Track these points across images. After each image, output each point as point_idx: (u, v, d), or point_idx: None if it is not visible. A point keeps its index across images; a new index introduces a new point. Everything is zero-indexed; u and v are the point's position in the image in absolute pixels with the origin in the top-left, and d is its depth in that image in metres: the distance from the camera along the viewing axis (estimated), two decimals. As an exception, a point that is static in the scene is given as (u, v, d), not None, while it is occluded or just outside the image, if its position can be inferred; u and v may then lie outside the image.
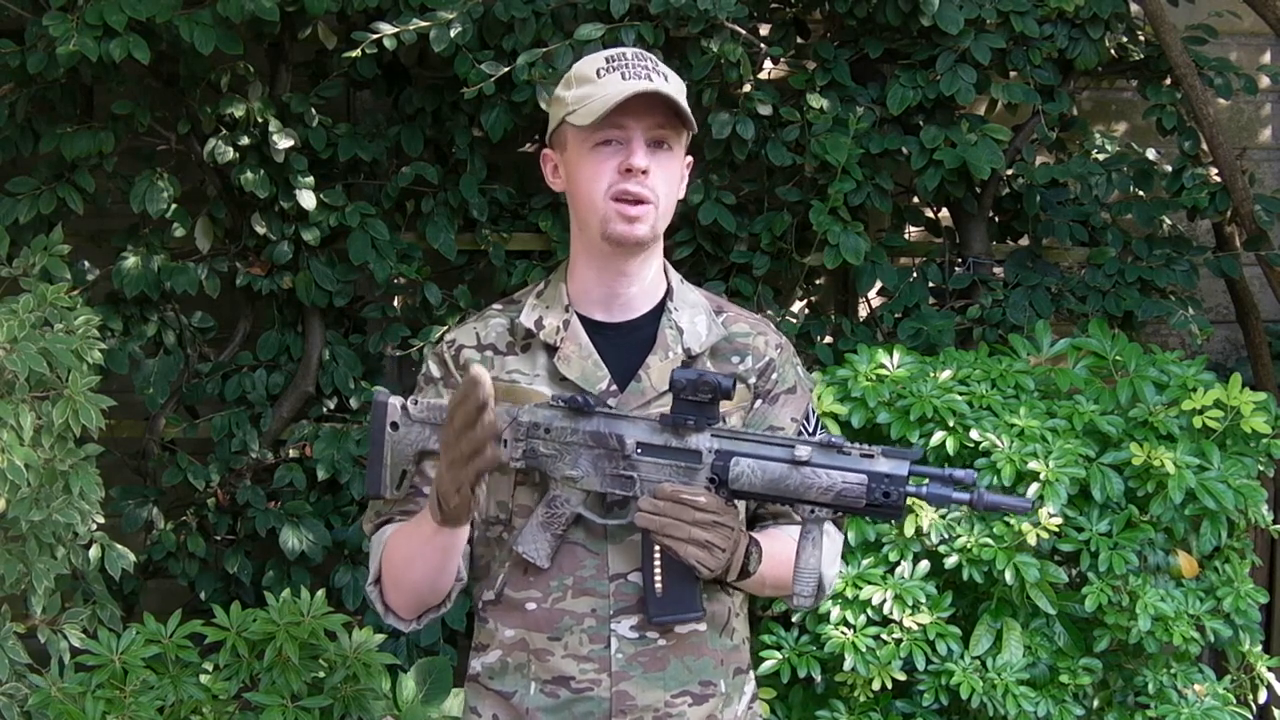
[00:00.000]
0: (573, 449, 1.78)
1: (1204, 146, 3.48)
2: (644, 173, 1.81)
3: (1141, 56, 3.57)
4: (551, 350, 1.89)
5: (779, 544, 1.88)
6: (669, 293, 1.94)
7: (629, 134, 1.81)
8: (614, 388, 1.87)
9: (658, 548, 1.79)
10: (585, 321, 1.90)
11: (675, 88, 1.84)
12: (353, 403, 3.44)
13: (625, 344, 1.90)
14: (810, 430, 1.96)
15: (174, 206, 3.32)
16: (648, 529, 1.76)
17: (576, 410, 1.78)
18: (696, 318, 1.92)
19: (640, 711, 1.85)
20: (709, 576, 1.78)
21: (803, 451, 1.73)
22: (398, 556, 1.87)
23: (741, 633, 1.96)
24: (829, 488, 1.73)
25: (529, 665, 1.87)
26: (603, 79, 1.82)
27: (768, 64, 3.46)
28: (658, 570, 1.79)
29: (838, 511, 1.76)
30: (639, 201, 1.81)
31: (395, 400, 1.81)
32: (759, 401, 1.92)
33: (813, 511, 1.75)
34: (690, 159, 1.94)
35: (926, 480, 1.75)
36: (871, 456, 1.74)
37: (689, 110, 1.84)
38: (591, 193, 1.83)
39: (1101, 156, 3.61)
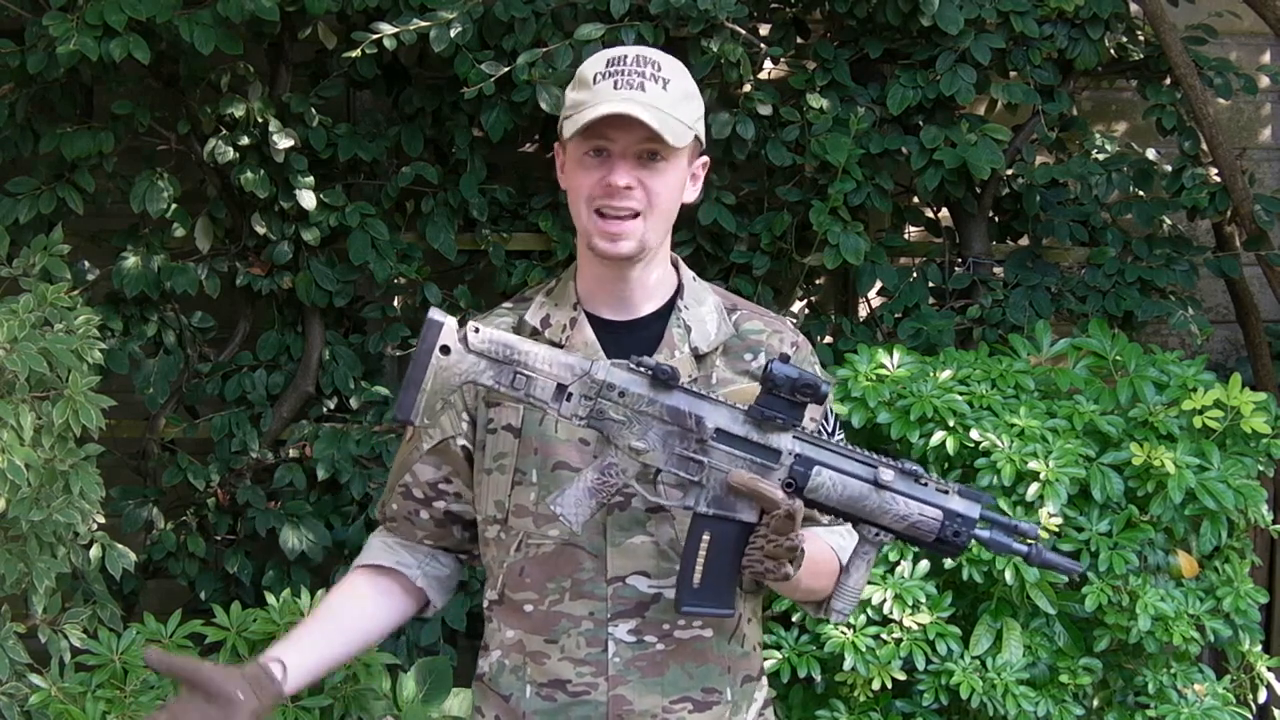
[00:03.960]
0: (644, 419, 1.70)
1: (1204, 146, 3.48)
2: (627, 188, 1.76)
3: (1141, 56, 3.57)
4: (556, 348, 1.87)
5: (816, 548, 1.83)
6: (679, 290, 1.91)
7: (614, 147, 1.77)
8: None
9: (707, 536, 1.71)
10: (593, 319, 1.87)
11: (672, 97, 1.78)
12: (353, 403, 3.44)
13: (632, 342, 1.86)
14: (829, 430, 1.94)
15: (174, 206, 3.32)
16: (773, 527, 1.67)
17: (659, 381, 1.70)
18: (706, 316, 1.89)
19: (638, 717, 1.83)
20: (750, 588, 1.75)
21: (886, 475, 1.69)
22: None
23: (753, 639, 1.92)
24: (904, 516, 1.69)
25: (525, 668, 1.86)
26: (597, 86, 1.77)
27: (768, 64, 3.46)
28: (700, 560, 1.72)
29: (900, 539, 1.72)
30: (621, 217, 1.77)
31: (452, 322, 1.68)
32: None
33: (877, 534, 1.71)
34: (706, 159, 1.90)
35: (991, 526, 1.72)
36: (946, 492, 1.71)
37: (680, 123, 1.78)
38: (577, 202, 1.81)
39: (1101, 156, 3.61)
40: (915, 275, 3.52)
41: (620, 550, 1.82)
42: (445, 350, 1.67)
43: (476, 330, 1.68)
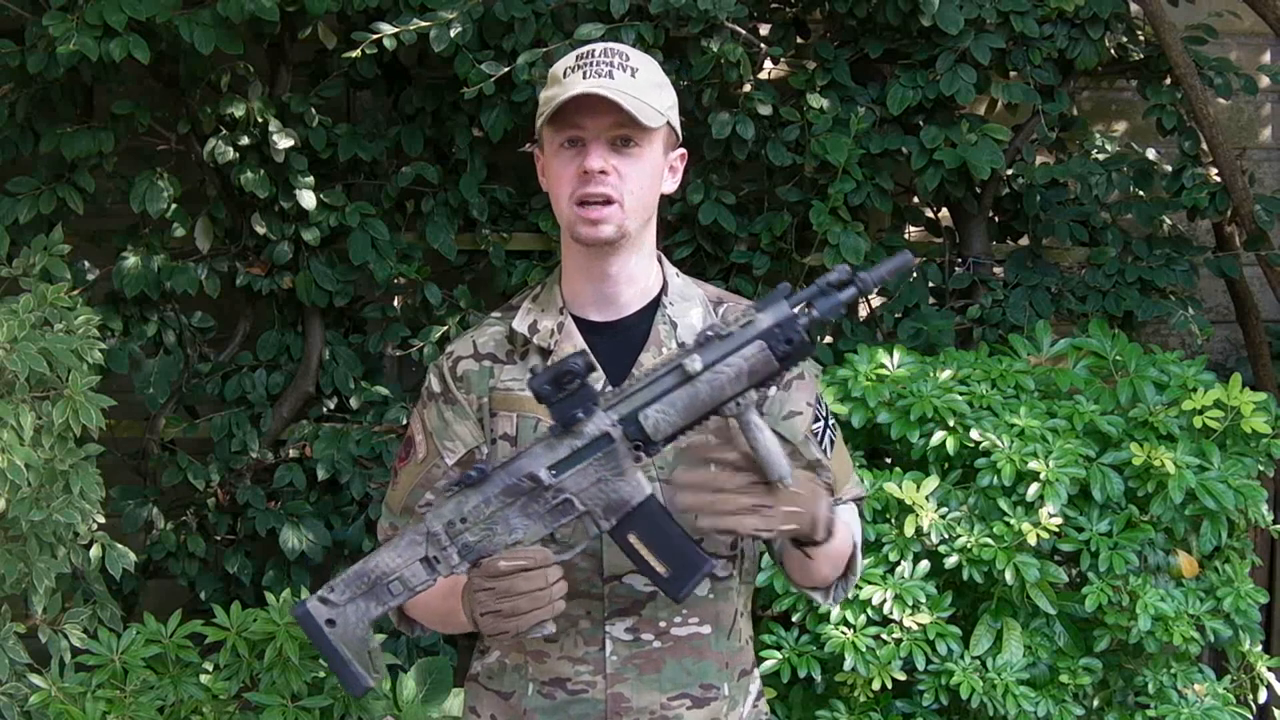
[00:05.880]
0: (497, 516, 1.72)
1: (1204, 146, 3.48)
2: (602, 173, 1.78)
3: (1141, 56, 3.57)
4: (546, 354, 1.88)
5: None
6: (664, 288, 1.92)
7: (586, 134, 1.79)
8: (609, 388, 1.85)
9: (632, 536, 1.72)
10: (580, 322, 1.89)
11: (640, 84, 1.80)
12: (353, 402, 3.44)
13: (620, 342, 1.88)
14: (822, 414, 1.94)
15: (174, 206, 3.32)
16: (696, 512, 1.68)
17: (473, 483, 1.72)
18: (692, 311, 1.91)
19: (636, 713, 1.84)
20: (769, 536, 1.71)
21: (694, 364, 1.67)
22: (424, 611, 1.90)
23: (746, 633, 1.94)
24: (738, 374, 1.67)
25: (526, 666, 1.88)
26: (567, 79, 1.80)
27: (768, 64, 3.46)
28: (649, 555, 1.73)
29: (760, 387, 1.70)
30: (602, 202, 1.79)
31: (313, 602, 1.74)
32: (773, 388, 1.90)
33: (737, 405, 1.69)
34: (684, 152, 1.91)
35: (810, 306, 1.69)
36: (751, 321, 1.69)
37: (650, 107, 1.80)
38: (559, 197, 1.83)
39: (1101, 156, 3.61)
40: (915, 275, 3.51)
41: (616, 550, 1.82)
42: (331, 624, 1.73)
43: (332, 589, 1.73)
